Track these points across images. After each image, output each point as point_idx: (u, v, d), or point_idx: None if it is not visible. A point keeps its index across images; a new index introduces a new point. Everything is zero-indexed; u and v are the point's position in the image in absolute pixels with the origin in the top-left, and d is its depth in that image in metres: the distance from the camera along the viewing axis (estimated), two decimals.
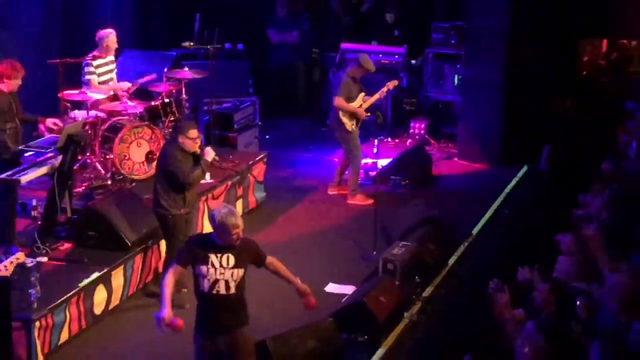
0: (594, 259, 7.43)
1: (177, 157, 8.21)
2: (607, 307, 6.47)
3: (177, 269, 6.25)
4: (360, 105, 10.92)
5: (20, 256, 6.90)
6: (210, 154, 8.42)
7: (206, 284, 6.07)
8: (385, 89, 11.37)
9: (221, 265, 6.07)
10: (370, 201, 10.79)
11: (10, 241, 8.33)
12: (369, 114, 11.23)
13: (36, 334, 7.44)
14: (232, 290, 6.11)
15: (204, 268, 6.06)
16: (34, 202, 9.02)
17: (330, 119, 11.03)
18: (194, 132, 8.24)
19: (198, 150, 8.34)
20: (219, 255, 6.08)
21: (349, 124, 10.84)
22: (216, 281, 6.06)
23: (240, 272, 6.14)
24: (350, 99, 10.81)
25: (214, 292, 6.07)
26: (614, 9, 13.65)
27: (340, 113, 10.79)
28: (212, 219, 6.16)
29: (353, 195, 11.11)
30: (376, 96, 11.15)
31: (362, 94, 10.96)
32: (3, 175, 8.44)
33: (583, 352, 6.01)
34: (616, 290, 6.42)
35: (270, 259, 6.54)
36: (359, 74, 10.95)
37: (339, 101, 10.76)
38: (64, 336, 7.83)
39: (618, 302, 6.17)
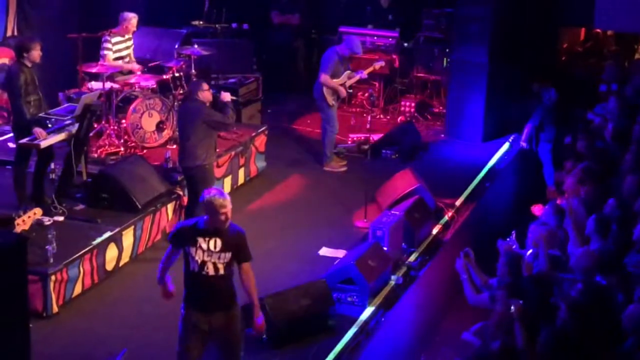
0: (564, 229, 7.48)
1: (206, 107, 8.49)
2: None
3: (172, 251, 6.10)
4: (344, 83, 11.00)
5: (37, 211, 6.96)
6: (227, 95, 8.76)
7: (195, 265, 5.91)
8: (371, 69, 11.49)
9: (209, 249, 5.88)
10: (344, 166, 11.18)
11: (26, 202, 8.40)
12: (350, 91, 11.35)
13: (52, 287, 7.54)
14: (221, 271, 5.92)
15: (192, 250, 5.89)
16: (52, 166, 9.06)
17: (315, 92, 11.09)
18: (205, 85, 8.59)
19: (209, 96, 8.57)
20: (207, 239, 5.88)
21: (330, 99, 10.96)
22: (204, 262, 5.89)
23: (228, 255, 5.92)
24: (335, 75, 10.92)
25: (203, 272, 5.90)
26: None
27: (324, 88, 10.89)
28: (202, 199, 5.98)
29: (328, 162, 11.20)
30: (361, 74, 11.26)
31: (348, 72, 11.07)
32: (24, 140, 8.47)
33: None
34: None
35: (247, 266, 6.08)
36: (347, 54, 11.06)
37: (324, 77, 10.89)
38: (77, 289, 7.91)
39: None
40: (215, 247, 5.89)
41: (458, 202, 10.35)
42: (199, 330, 5.98)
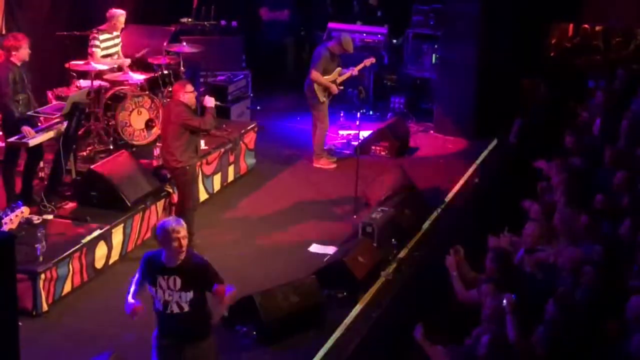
0: (555, 226, 7.49)
1: (186, 111, 8.42)
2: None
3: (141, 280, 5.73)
4: (335, 80, 10.99)
5: (25, 210, 6.90)
6: (211, 100, 8.67)
7: (159, 305, 5.60)
8: (361, 66, 11.46)
9: (169, 287, 5.53)
10: (334, 165, 11.16)
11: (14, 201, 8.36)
12: (341, 87, 11.28)
13: (41, 285, 7.53)
14: (186, 309, 5.57)
15: (153, 290, 5.58)
16: (41, 164, 9.03)
17: (305, 88, 11.07)
18: (189, 87, 8.53)
19: (194, 102, 8.58)
20: (165, 277, 5.52)
21: (321, 96, 10.95)
22: (167, 302, 5.56)
23: (190, 294, 5.53)
24: (326, 72, 10.90)
25: (168, 312, 5.59)
26: None
27: (315, 85, 10.89)
28: (157, 229, 5.67)
29: (318, 159, 11.20)
30: (352, 71, 11.22)
31: (339, 69, 11.05)
32: (13, 139, 8.45)
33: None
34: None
35: (220, 289, 5.65)
36: (338, 51, 11.02)
37: (315, 74, 10.87)
38: (67, 288, 7.90)
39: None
40: (175, 286, 5.55)
41: (447, 198, 10.35)
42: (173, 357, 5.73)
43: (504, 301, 5.97)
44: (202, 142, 9.47)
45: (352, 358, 7.17)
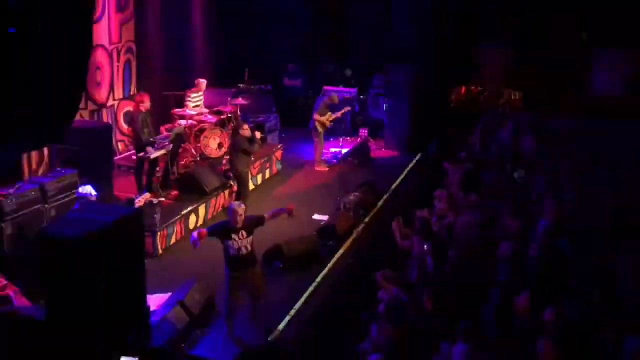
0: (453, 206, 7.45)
1: (241, 141, 8.45)
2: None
3: (205, 233, 5.75)
4: (328, 118, 10.98)
5: (147, 195, 6.92)
6: (257, 134, 8.67)
7: (233, 251, 5.68)
8: (343, 111, 11.45)
9: (239, 238, 5.68)
10: (327, 169, 11.05)
11: (142, 190, 8.39)
12: (332, 124, 11.24)
13: (159, 239, 7.54)
14: (249, 248, 5.75)
15: (229, 242, 5.67)
16: (157, 169, 8.99)
17: (310, 124, 11.04)
18: (246, 125, 8.60)
19: (250, 134, 8.49)
20: (237, 233, 5.68)
21: (320, 128, 10.91)
22: (239, 248, 5.68)
23: (250, 238, 5.74)
24: (322, 114, 10.90)
25: (239, 254, 5.69)
26: (477, 65, 13.65)
27: (316, 122, 10.85)
28: (228, 208, 5.85)
29: (318, 165, 11.09)
30: (336, 115, 11.22)
31: (329, 112, 11.03)
32: (141, 154, 8.46)
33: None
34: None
35: (266, 216, 5.98)
36: (329, 102, 11.05)
37: (317, 116, 10.85)
38: (173, 240, 7.90)
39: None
40: (243, 236, 5.70)
41: (393, 186, 10.31)
42: (238, 283, 5.81)
43: (425, 247, 5.98)
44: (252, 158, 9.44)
45: (338, 282, 7.12)
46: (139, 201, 6.96)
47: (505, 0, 13.02)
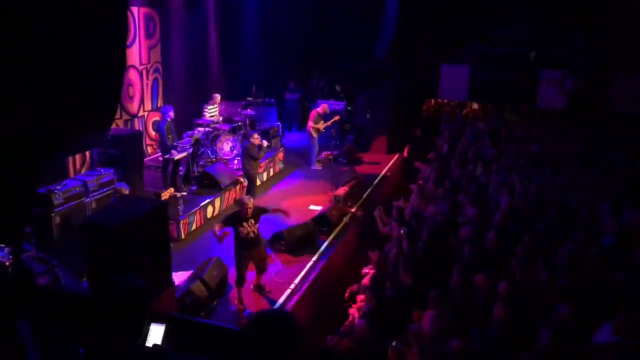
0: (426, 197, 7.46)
1: (251, 148, 8.28)
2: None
3: (221, 225, 5.68)
4: (321, 125, 10.96)
5: (172, 189, 6.87)
6: (264, 142, 8.48)
7: (243, 235, 5.68)
8: (333, 120, 11.44)
9: (249, 225, 5.68)
10: (321, 167, 10.99)
11: (168, 186, 8.34)
12: (323, 130, 11.20)
13: (182, 226, 7.47)
14: (256, 233, 5.76)
15: (240, 229, 5.67)
16: (180, 168, 8.93)
17: (307, 131, 10.99)
18: (255, 135, 8.37)
19: (259, 143, 8.35)
20: (247, 221, 5.67)
21: (314, 135, 10.88)
22: (247, 233, 5.69)
23: (257, 225, 5.73)
24: (316, 122, 10.85)
25: (248, 237, 5.71)
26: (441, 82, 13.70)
27: (312, 129, 10.81)
28: (239, 200, 5.82)
29: (314, 165, 11.05)
30: (328, 123, 11.20)
31: (322, 121, 10.99)
32: (167, 156, 8.37)
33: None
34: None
35: (271, 209, 6.03)
36: (322, 112, 11.02)
37: (311, 124, 10.82)
38: (194, 227, 7.83)
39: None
40: (252, 224, 5.70)
41: (375, 182, 10.31)
42: (246, 258, 5.84)
43: (401, 231, 5.99)
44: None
45: (329, 263, 7.09)
46: (165, 195, 6.93)
47: (462, 29, 13.02)
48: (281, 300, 6.13)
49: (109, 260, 4.37)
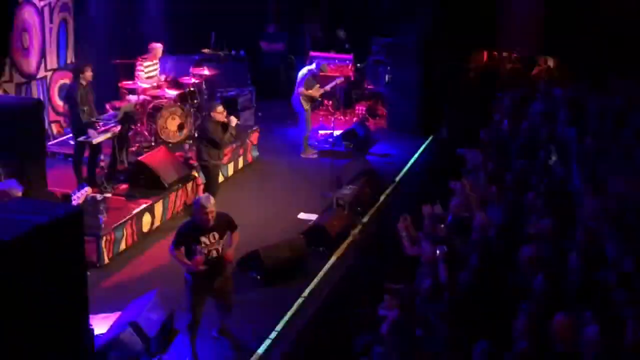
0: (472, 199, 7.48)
1: (211, 128, 8.28)
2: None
3: (178, 250, 5.77)
4: (316, 92, 11.02)
5: (89, 190, 6.85)
6: (234, 120, 8.47)
7: (202, 255, 5.70)
8: (335, 83, 11.54)
9: (210, 241, 5.72)
10: (315, 155, 11.07)
11: (82, 183, 8.32)
12: (320, 99, 11.33)
13: (103, 245, 7.55)
14: (220, 252, 5.80)
15: (197, 246, 5.67)
16: (102, 157, 8.96)
17: (293, 100, 11.01)
18: (220, 108, 8.37)
19: (226, 120, 8.34)
20: (207, 235, 5.70)
21: (306, 105, 10.90)
22: (209, 251, 5.71)
23: (222, 240, 5.79)
24: (309, 87, 10.90)
25: (209, 257, 5.73)
26: (500, 26, 13.60)
27: (302, 97, 10.84)
28: (194, 204, 5.83)
29: (304, 152, 11.11)
30: (327, 88, 11.27)
31: (317, 85, 11.04)
32: (81, 138, 8.45)
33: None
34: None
35: (236, 233, 6.00)
36: (318, 73, 11.08)
37: (302, 89, 10.87)
38: (122, 246, 7.91)
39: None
40: (215, 238, 5.74)
41: (398, 178, 10.35)
42: (203, 291, 5.87)
43: (437, 252, 5.98)
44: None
45: (327, 297, 7.15)
46: (79, 197, 6.88)
47: None
48: (258, 353, 6.17)
49: None
